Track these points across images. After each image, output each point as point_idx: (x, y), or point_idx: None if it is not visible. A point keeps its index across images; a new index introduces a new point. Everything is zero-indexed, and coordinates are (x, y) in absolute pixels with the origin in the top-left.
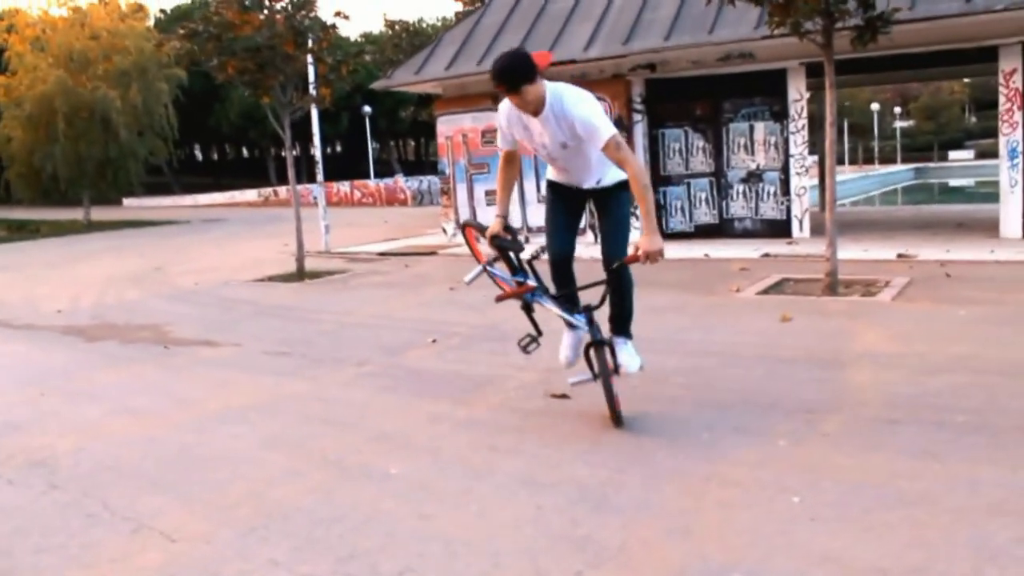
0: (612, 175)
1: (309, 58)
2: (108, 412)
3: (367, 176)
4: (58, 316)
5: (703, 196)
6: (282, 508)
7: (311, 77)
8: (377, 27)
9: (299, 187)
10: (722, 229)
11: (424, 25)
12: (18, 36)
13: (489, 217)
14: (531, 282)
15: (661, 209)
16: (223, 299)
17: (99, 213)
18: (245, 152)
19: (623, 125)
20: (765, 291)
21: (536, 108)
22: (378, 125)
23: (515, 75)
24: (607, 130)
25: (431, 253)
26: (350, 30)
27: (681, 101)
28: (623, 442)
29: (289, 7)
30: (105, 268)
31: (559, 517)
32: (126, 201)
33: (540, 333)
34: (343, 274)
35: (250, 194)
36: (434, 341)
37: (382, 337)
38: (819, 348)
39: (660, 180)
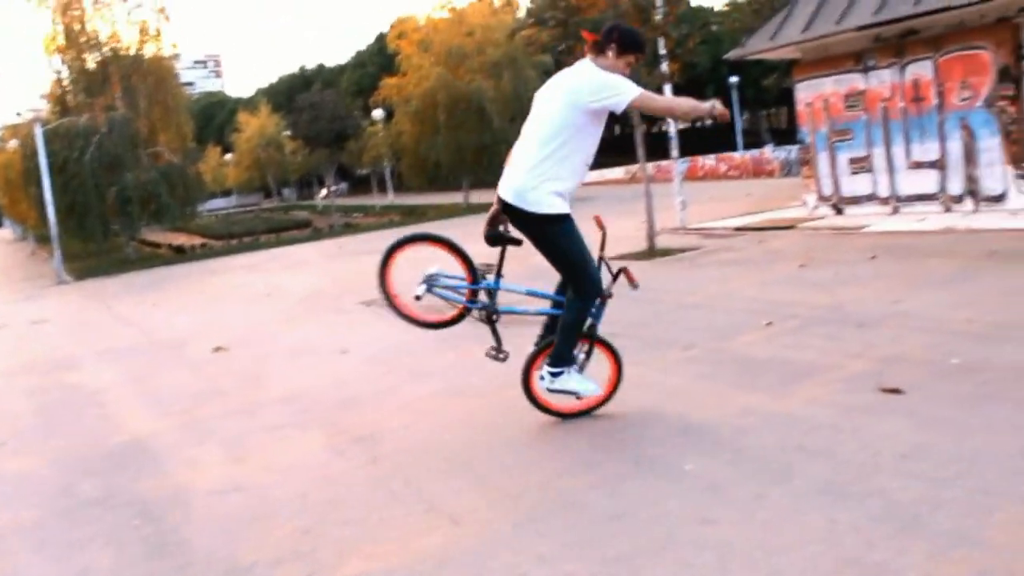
0: None
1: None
2: (438, 391)
3: (734, 148)
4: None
5: None
6: (565, 500)
7: (662, 52)
8: None
9: (661, 163)
10: None
11: None
12: (407, 41)
13: (858, 186)
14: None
15: None
16: None
17: (478, 196)
18: (615, 130)
19: (1010, 75)
20: None
21: None
22: (745, 95)
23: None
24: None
25: (789, 227)
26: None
27: None
28: (955, 449)
29: None
30: (475, 251)
31: (854, 537)
32: None
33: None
34: (694, 251)
35: (617, 171)
36: (769, 324)
37: (716, 319)
38: None
39: None
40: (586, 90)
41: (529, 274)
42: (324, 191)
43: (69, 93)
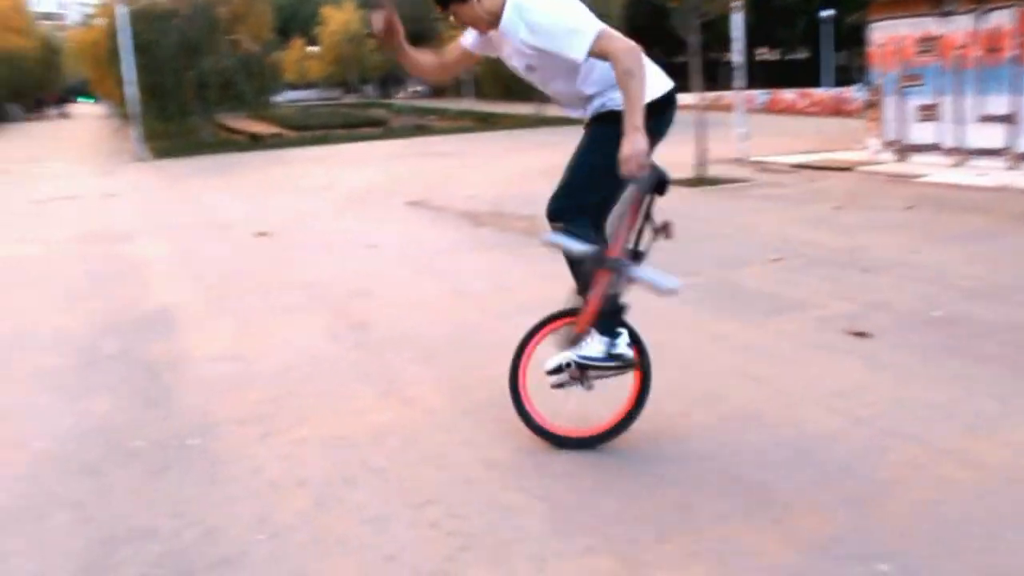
0: (598, 103)
1: None
2: (444, 291)
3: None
4: (466, 201)
5: None
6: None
7: None
8: None
9: (743, 92)
10: None
11: None
12: None
13: (924, 133)
14: None
15: None
16: None
17: (554, 109)
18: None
19: None
20: None
21: (487, 24)
22: (840, 30)
23: None
24: (588, 30)
25: (846, 169)
26: None
27: None
28: (886, 392)
29: None
30: (531, 160)
31: (743, 457)
32: None
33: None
34: (742, 183)
35: (689, 98)
36: (777, 259)
37: (730, 249)
38: None
39: None
40: None
41: None
42: (406, 90)
43: None
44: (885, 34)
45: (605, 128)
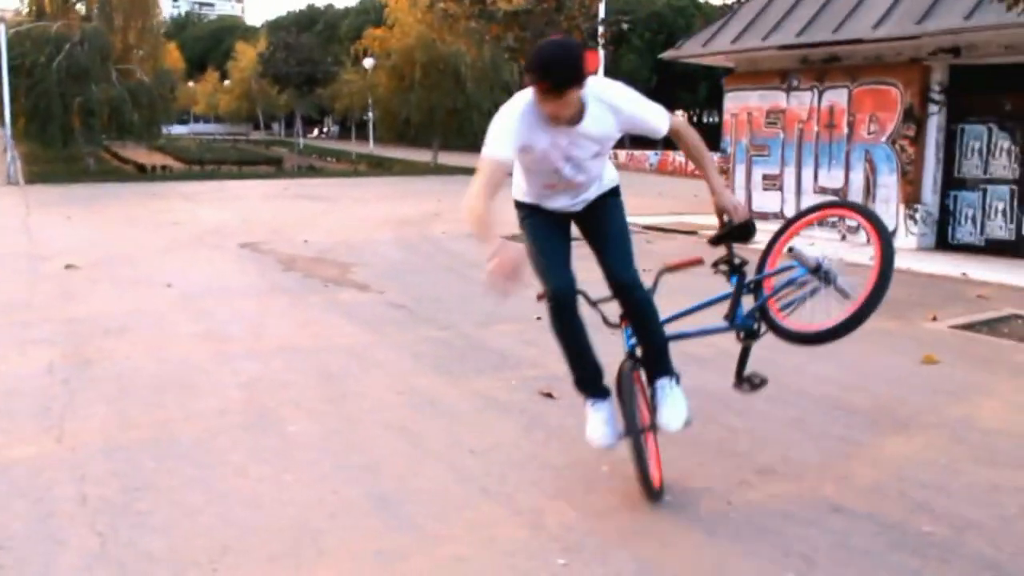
0: (605, 182)
1: None
2: (196, 332)
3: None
4: (298, 246)
5: (1000, 207)
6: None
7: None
8: None
9: (634, 152)
10: (1018, 248)
11: None
12: None
13: (767, 202)
14: None
15: (949, 215)
16: (438, 249)
17: (450, 158)
18: None
19: (914, 116)
20: (966, 326)
21: (573, 117)
22: None
23: (566, 73)
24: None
25: (691, 232)
26: None
27: (989, 92)
28: (512, 448)
29: None
30: (397, 208)
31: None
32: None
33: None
34: (575, 241)
35: None
36: (538, 319)
37: (504, 306)
38: (916, 404)
39: (953, 183)
40: None
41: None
42: (316, 131)
43: None
44: (738, 104)
45: (618, 199)
